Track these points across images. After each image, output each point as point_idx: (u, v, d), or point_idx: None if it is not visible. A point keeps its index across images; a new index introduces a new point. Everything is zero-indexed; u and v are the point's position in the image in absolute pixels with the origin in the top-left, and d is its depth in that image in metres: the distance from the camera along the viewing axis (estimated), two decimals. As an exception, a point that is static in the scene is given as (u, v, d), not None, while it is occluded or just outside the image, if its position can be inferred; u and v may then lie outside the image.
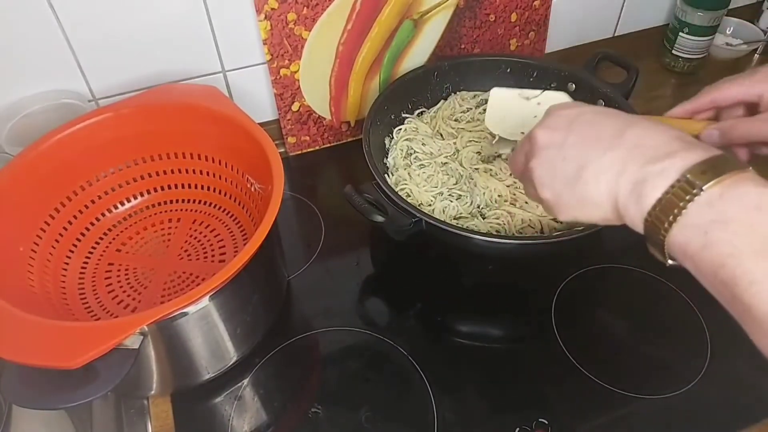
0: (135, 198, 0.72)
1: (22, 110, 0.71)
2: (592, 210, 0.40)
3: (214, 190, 0.72)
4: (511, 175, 0.73)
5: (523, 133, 0.63)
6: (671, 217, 0.35)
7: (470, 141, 0.76)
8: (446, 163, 0.74)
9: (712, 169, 0.34)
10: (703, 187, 0.34)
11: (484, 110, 0.81)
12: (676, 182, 0.35)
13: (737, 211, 0.33)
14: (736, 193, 0.33)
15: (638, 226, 0.37)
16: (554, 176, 0.42)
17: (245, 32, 0.76)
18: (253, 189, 0.67)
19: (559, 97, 0.62)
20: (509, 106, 0.65)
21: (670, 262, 0.36)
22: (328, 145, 0.88)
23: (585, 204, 0.40)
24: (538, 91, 0.63)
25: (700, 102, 0.54)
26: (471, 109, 0.81)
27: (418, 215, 0.60)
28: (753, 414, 0.58)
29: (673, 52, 0.98)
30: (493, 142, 0.67)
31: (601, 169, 0.39)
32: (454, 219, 0.68)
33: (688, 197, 0.34)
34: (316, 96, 0.82)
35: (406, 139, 0.76)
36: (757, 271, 0.31)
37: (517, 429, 0.57)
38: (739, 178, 0.34)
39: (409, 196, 0.71)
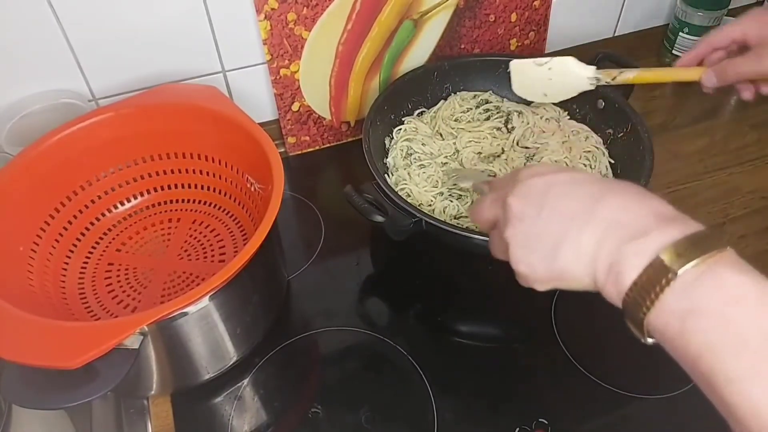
0: (135, 198, 0.72)
1: (22, 110, 0.71)
2: (570, 284, 0.40)
3: (214, 190, 0.72)
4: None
5: (546, 95, 0.69)
6: (648, 302, 0.34)
7: (470, 141, 0.76)
8: (446, 163, 0.74)
9: (686, 252, 0.33)
10: (678, 272, 0.33)
11: (485, 110, 0.81)
12: (650, 265, 0.34)
13: (712, 302, 0.32)
14: (712, 282, 0.32)
15: (618, 304, 0.37)
16: (530, 252, 0.41)
17: (245, 32, 0.76)
18: (253, 189, 0.67)
19: (567, 61, 0.65)
20: (528, 74, 0.69)
21: (649, 340, 0.36)
22: (328, 145, 0.88)
23: (563, 279, 0.40)
24: (548, 58, 0.67)
25: (701, 49, 0.61)
26: (471, 109, 0.81)
27: (418, 215, 0.60)
28: (753, 414, 0.58)
29: (673, 52, 0.98)
30: (452, 176, 0.68)
31: (577, 248, 0.38)
32: (454, 219, 0.68)
33: (663, 281, 0.33)
34: (316, 96, 0.82)
35: (406, 139, 0.76)
36: (735, 369, 0.30)
37: (517, 429, 0.57)
38: (716, 261, 0.33)
39: (409, 196, 0.71)
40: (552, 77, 0.66)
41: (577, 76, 0.65)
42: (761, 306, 0.31)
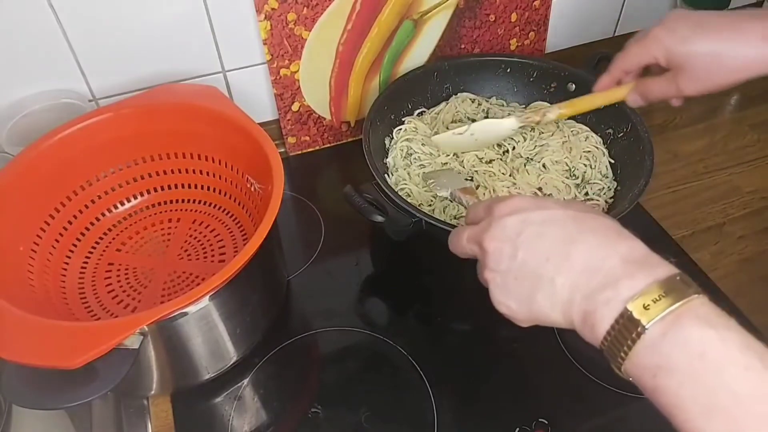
0: (135, 198, 0.72)
1: (22, 110, 0.71)
2: (550, 324, 0.40)
3: (214, 190, 0.72)
4: (510, 175, 0.73)
5: (476, 141, 0.73)
6: (622, 353, 0.34)
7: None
8: (446, 163, 0.74)
9: (654, 304, 0.33)
10: (647, 326, 0.33)
11: (485, 110, 0.81)
12: (620, 317, 0.34)
13: (681, 358, 0.32)
14: (680, 336, 0.32)
15: (597, 347, 0.37)
16: (507, 296, 0.41)
17: (245, 32, 0.76)
18: (253, 189, 0.67)
19: (485, 124, 0.72)
20: (452, 141, 0.74)
21: (631, 378, 0.36)
22: (328, 145, 0.88)
23: (542, 321, 0.41)
24: (465, 126, 0.72)
25: (615, 74, 0.63)
26: (472, 111, 0.81)
27: (418, 215, 0.60)
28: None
29: (673, 52, 0.98)
30: (430, 182, 0.68)
31: (552, 295, 0.38)
32: (454, 219, 0.68)
33: (634, 334, 0.33)
34: (316, 96, 0.82)
35: (406, 139, 0.76)
36: (707, 431, 0.31)
37: (517, 429, 0.57)
38: (682, 313, 0.33)
39: (409, 196, 0.71)
40: (477, 137, 0.72)
41: (500, 129, 0.71)
42: (726, 364, 0.31)
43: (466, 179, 0.72)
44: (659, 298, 0.33)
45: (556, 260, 0.38)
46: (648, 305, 0.33)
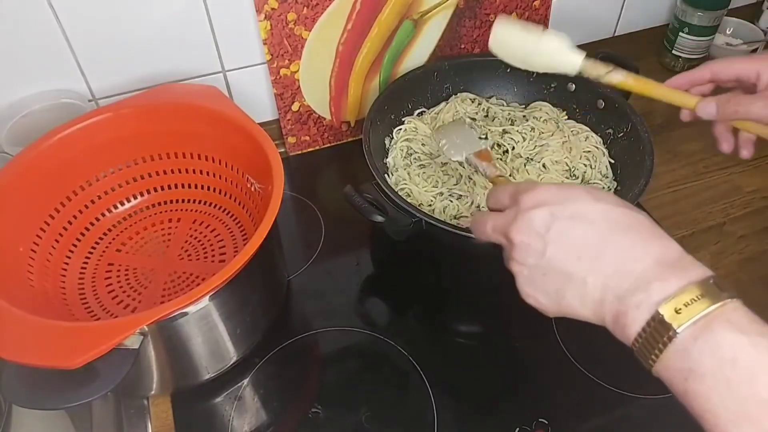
0: (135, 198, 0.72)
1: (22, 110, 0.71)
2: (580, 318, 0.40)
3: (214, 190, 0.72)
4: (510, 175, 0.73)
5: (524, 63, 0.62)
6: (653, 356, 0.34)
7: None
8: (446, 163, 0.74)
9: (685, 308, 0.33)
10: (678, 330, 0.33)
11: (485, 110, 0.81)
12: (651, 320, 0.34)
13: (712, 363, 0.32)
14: (711, 341, 0.32)
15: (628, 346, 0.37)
16: (536, 289, 0.41)
17: (245, 32, 0.76)
18: (253, 189, 0.67)
19: (560, 42, 0.59)
20: (513, 39, 0.62)
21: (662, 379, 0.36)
22: (328, 145, 0.88)
23: (571, 315, 0.40)
24: (539, 32, 0.60)
25: (701, 73, 0.56)
26: (472, 111, 0.81)
27: (418, 215, 0.60)
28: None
29: (673, 52, 0.98)
30: (441, 144, 0.64)
31: (583, 293, 0.38)
32: (454, 219, 0.68)
33: (665, 338, 0.33)
34: (316, 96, 0.82)
35: (406, 139, 0.76)
36: None
37: (517, 429, 0.57)
38: (714, 318, 0.33)
39: (409, 196, 0.71)
40: (537, 52, 0.60)
41: (565, 60, 0.60)
42: (758, 371, 0.31)
43: (480, 138, 0.69)
44: (691, 302, 0.33)
45: (588, 260, 0.38)
46: (680, 309, 0.33)
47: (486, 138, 0.71)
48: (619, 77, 0.57)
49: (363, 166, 0.66)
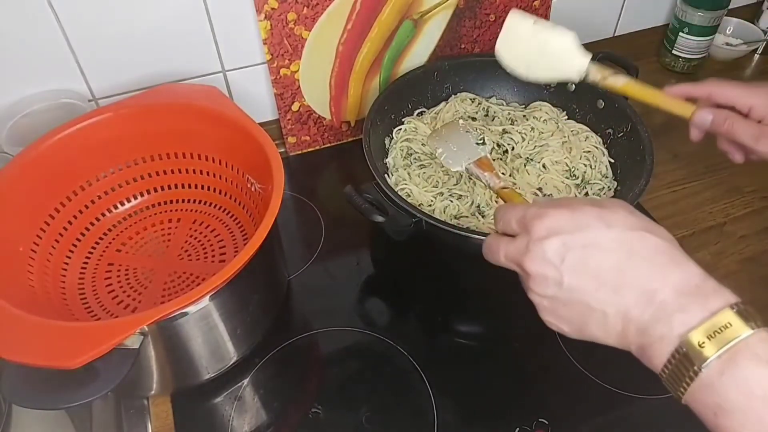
0: (135, 198, 0.72)
1: (22, 110, 0.71)
2: (607, 344, 0.40)
3: (214, 190, 0.72)
4: (510, 175, 0.73)
5: (528, 67, 0.61)
6: (681, 389, 0.34)
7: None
8: (446, 163, 0.74)
9: (709, 340, 0.33)
10: (702, 366, 0.32)
11: (485, 110, 0.81)
12: (676, 353, 0.34)
13: (740, 399, 0.31)
14: (738, 376, 0.32)
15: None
16: (559, 319, 0.41)
17: (245, 32, 0.76)
18: (253, 189, 0.67)
19: (568, 39, 0.60)
20: (521, 36, 0.62)
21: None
22: (328, 145, 0.88)
23: (598, 342, 0.40)
24: (550, 28, 0.60)
25: (700, 89, 0.59)
26: (472, 111, 0.81)
27: (418, 215, 0.60)
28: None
29: (673, 52, 0.98)
30: (438, 152, 0.63)
31: (604, 324, 0.38)
32: (454, 219, 0.68)
33: (690, 373, 0.33)
34: (316, 96, 0.82)
35: (406, 139, 0.76)
36: None
37: (517, 429, 0.57)
38: (739, 350, 0.32)
39: (409, 196, 0.71)
40: (544, 51, 0.60)
41: (569, 62, 0.60)
42: None
43: (477, 144, 0.69)
44: (714, 334, 0.33)
45: (606, 292, 0.37)
46: (703, 343, 0.33)
47: (483, 141, 0.71)
48: (621, 81, 0.59)
49: (363, 166, 0.66)
